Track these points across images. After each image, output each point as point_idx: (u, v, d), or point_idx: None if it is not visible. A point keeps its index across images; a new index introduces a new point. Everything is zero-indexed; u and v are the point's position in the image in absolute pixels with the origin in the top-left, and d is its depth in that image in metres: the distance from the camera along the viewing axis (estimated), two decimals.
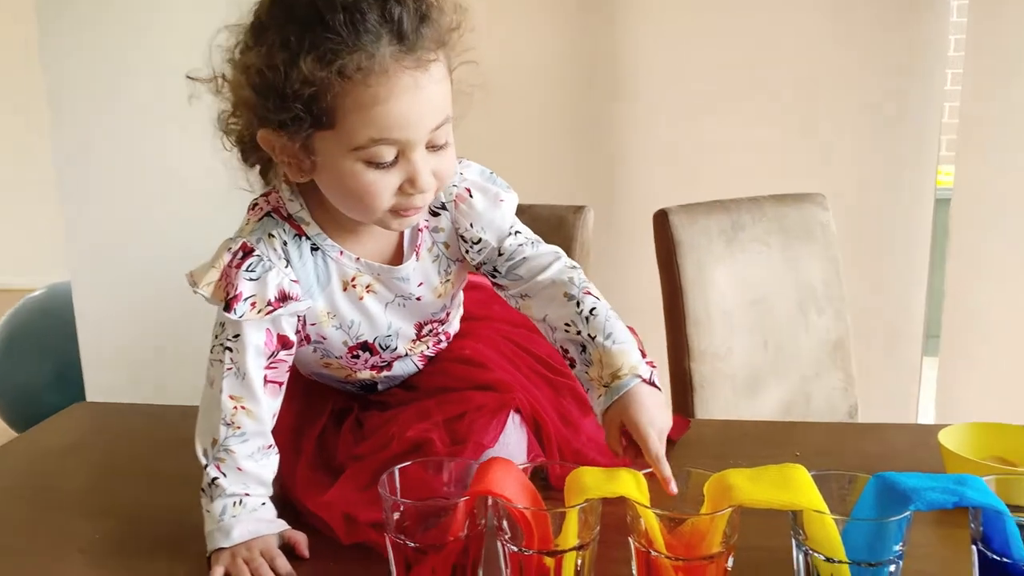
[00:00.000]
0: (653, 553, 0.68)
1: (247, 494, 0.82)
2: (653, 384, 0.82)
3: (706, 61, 1.96)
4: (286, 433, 0.90)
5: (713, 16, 1.96)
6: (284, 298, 0.81)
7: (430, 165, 0.77)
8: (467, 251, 0.89)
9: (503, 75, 1.94)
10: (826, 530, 0.66)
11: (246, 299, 0.80)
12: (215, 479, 0.82)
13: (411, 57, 0.73)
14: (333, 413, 0.96)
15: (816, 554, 0.67)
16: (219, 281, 0.81)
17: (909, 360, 2.04)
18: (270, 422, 0.84)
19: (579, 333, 0.84)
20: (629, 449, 0.81)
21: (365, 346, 0.90)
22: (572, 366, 0.87)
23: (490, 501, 0.71)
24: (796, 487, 0.68)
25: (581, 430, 0.94)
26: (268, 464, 0.84)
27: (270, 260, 0.81)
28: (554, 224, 1.34)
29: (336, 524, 0.82)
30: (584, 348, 0.84)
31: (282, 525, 0.83)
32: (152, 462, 1.03)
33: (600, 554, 0.78)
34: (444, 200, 0.88)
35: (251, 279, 0.80)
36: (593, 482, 0.71)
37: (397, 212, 0.79)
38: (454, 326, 0.99)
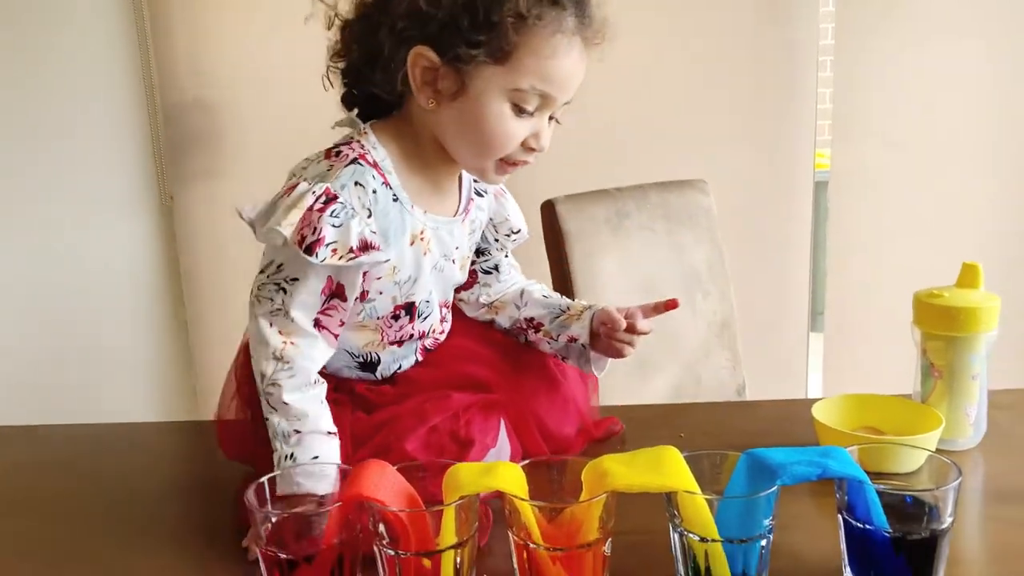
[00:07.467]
0: (531, 545, 0.68)
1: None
2: None
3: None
4: None
5: None
6: (365, 247, 0.80)
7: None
8: (495, 239, 0.99)
9: None
10: (698, 510, 0.67)
11: (328, 244, 0.78)
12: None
13: (587, 31, 0.82)
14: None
15: (690, 534, 0.68)
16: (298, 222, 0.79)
17: (796, 336, 2.12)
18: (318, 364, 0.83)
19: (553, 293, 1.01)
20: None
21: (409, 308, 0.90)
22: (537, 330, 0.99)
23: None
24: (669, 469, 0.69)
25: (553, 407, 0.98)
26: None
27: (353, 208, 0.80)
28: None
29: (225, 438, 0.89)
30: (559, 304, 0.99)
31: None
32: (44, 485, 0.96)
33: (482, 550, 0.78)
34: (486, 190, 0.96)
35: (335, 225, 0.78)
36: (468, 478, 0.69)
37: (504, 163, 0.86)
38: (449, 322, 0.98)
